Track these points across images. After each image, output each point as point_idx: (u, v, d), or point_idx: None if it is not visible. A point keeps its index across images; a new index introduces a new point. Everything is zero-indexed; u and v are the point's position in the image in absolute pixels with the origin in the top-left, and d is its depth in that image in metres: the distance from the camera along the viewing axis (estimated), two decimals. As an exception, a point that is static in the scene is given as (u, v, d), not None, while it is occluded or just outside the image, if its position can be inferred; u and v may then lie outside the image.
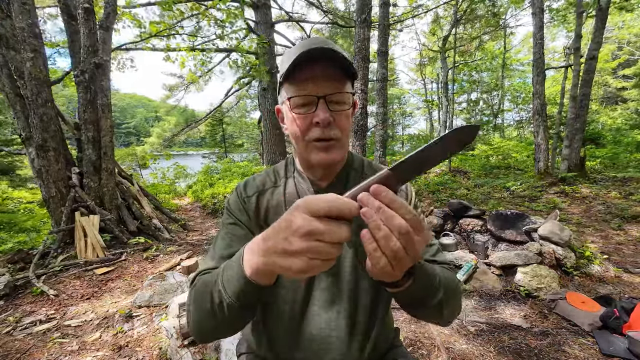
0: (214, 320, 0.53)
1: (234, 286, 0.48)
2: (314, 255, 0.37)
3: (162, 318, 2.11)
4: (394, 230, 0.38)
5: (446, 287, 0.58)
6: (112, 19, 4.17)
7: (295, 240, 0.38)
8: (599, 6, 5.71)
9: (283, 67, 0.62)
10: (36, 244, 3.93)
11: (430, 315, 0.61)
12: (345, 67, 0.60)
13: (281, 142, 9.61)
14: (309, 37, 8.22)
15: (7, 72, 3.40)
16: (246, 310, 0.52)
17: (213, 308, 0.52)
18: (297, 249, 0.38)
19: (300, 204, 0.39)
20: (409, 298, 0.55)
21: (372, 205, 0.38)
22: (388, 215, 0.38)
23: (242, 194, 0.74)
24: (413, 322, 2.09)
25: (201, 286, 0.57)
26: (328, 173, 0.71)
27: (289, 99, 0.61)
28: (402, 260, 0.39)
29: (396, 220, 0.37)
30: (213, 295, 0.51)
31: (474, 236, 3.09)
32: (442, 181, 7.11)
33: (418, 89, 24.34)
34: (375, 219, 0.38)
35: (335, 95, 0.60)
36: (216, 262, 0.64)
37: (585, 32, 9.33)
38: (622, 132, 11.27)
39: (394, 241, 0.38)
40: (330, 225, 0.37)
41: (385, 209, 0.38)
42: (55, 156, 3.54)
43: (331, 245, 0.37)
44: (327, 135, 0.61)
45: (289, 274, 0.40)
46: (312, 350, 0.69)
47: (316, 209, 0.38)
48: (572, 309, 2.05)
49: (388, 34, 5.85)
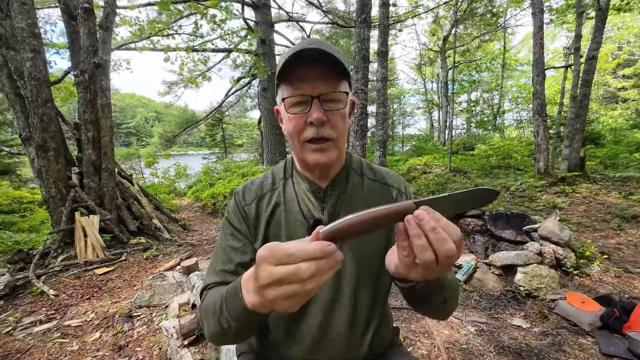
0: (225, 337, 0.59)
1: (238, 316, 0.51)
2: (291, 297, 0.38)
3: (162, 318, 2.11)
4: (438, 250, 0.39)
5: (449, 286, 0.59)
6: (111, 19, 4.17)
7: (266, 292, 0.39)
8: (598, 6, 5.71)
9: (278, 67, 0.62)
10: (36, 244, 3.92)
11: (432, 310, 0.63)
12: (338, 65, 0.60)
13: (281, 142, 9.61)
14: (309, 38, 8.24)
15: (7, 72, 3.40)
16: (254, 327, 0.58)
17: (223, 331, 0.56)
18: (272, 297, 0.39)
19: (262, 255, 0.39)
20: (417, 294, 0.57)
21: (427, 224, 0.39)
22: (440, 238, 0.39)
23: (241, 203, 0.74)
24: (413, 322, 2.09)
25: (208, 308, 0.60)
26: (326, 173, 0.72)
27: (283, 99, 0.62)
28: (431, 269, 0.42)
29: (448, 244, 0.39)
30: (221, 321, 0.55)
31: (474, 236, 3.09)
32: (442, 181, 7.11)
33: (418, 89, 24.34)
34: (423, 241, 0.40)
35: (329, 95, 0.60)
36: (219, 277, 0.68)
37: (585, 33, 9.33)
38: (622, 132, 11.27)
39: (430, 252, 0.40)
40: (297, 267, 0.37)
41: (440, 230, 0.39)
42: (55, 156, 3.53)
43: (303, 283, 0.37)
44: (321, 135, 0.62)
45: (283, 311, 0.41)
46: (312, 349, 0.69)
47: (279, 258, 0.38)
48: (572, 309, 2.05)
49: (388, 34, 5.86)
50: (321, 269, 0.37)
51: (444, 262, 0.40)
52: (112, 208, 3.95)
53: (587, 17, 7.23)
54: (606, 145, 9.97)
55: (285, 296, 0.38)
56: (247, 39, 8.92)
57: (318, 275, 0.37)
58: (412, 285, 0.53)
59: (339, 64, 0.59)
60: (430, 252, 0.40)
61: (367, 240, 0.67)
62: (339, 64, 0.59)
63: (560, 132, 8.10)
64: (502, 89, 17.96)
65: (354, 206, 0.72)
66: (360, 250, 0.69)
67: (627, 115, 14.39)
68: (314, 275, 0.37)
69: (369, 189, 0.75)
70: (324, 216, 0.70)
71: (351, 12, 12.69)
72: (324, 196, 0.71)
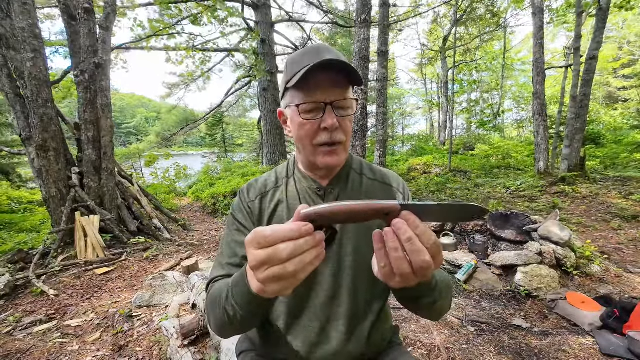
0: (231, 327, 0.60)
1: (244, 302, 0.52)
2: (277, 279, 0.39)
3: (162, 318, 2.11)
4: (414, 261, 0.39)
5: (441, 288, 0.60)
6: (112, 19, 4.17)
7: (256, 275, 0.41)
8: (599, 6, 5.71)
9: (289, 75, 0.65)
10: (36, 244, 3.92)
11: (422, 311, 0.64)
12: (351, 73, 0.63)
13: (281, 142, 9.61)
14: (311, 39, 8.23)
15: (7, 72, 3.39)
16: (260, 315, 0.58)
17: (230, 319, 0.57)
18: (262, 280, 0.41)
19: (247, 240, 0.41)
20: (406, 295, 0.58)
21: (403, 234, 0.39)
22: (416, 249, 0.39)
23: (246, 199, 0.77)
24: (413, 322, 2.09)
25: (214, 298, 0.62)
26: (329, 173, 0.75)
27: (297, 105, 0.64)
28: (408, 278, 0.42)
29: (422, 256, 0.39)
30: (227, 309, 0.57)
31: (474, 236, 3.09)
32: (442, 181, 7.11)
33: (418, 89, 24.35)
34: (400, 254, 0.40)
35: (341, 102, 0.64)
36: (225, 270, 0.70)
37: (585, 33, 9.32)
38: (622, 132, 11.27)
39: (406, 265, 0.40)
40: (275, 248, 0.38)
41: (416, 241, 0.39)
42: (55, 156, 3.54)
43: (284, 265, 0.38)
44: (334, 139, 0.65)
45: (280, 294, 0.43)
46: (312, 344, 0.70)
47: (259, 241, 0.40)
48: (572, 309, 2.05)
49: (388, 34, 5.85)
50: (299, 249, 0.38)
51: (420, 273, 0.40)
52: (112, 208, 3.95)
53: (587, 16, 7.22)
54: (606, 145, 9.98)
55: (272, 279, 0.39)
56: (247, 39, 8.93)
57: (297, 255, 0.38)
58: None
59: (351, 71, 0.62)
60: (407, 265, 0.40)
61: (366, 236, 0.69)
62: (351, 71, 0.62)
63: (560, 132, 8.10)
64: (502, 89, 17.96)
65: None
66: (359, 246, 0.71)
67: (628, 115, 14.38)
68: (293, 255, 0.38)
69: (368, 188, 0.77)
70: None
71: (351, 12, 12.70)
72: (325, 194, 0.74)
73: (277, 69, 9.65)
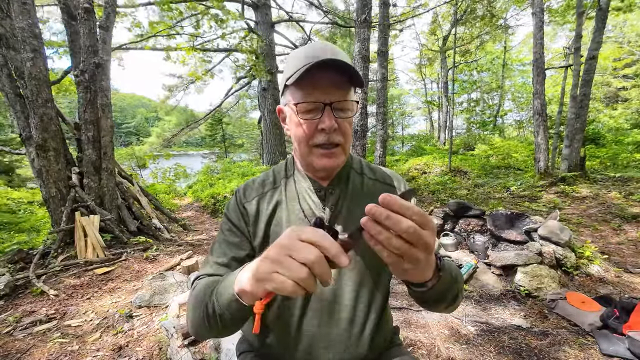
0: (208, 325, 0.58)
1: (226, 302, 0.52)
2: (284, 270, 0.41)
3: (162, 318, 2.11)
4: (402, 232, 0.39)
5: (459, 276, 0.60)
6: (112, 19, 4.16)
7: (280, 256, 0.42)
8: (599, 6, 5.71)
9: (289, 72, 0.63)
10: (36, 244, 3.92)
11: (446, 305, 0.62)
12: (352, 75, 0.61)
13: (281, 142, 9.61)
14: (311, 40, 8.24)
15: (7, 72, 3.39)
16: (238, 321, 0.56)
17: (208, 316, 0.56)
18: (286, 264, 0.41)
19: (289, 231, 0.44)
20: (434, 296, 0.56)
21: (379, 216, 0.39)
22: (395, 221, 0.39)
23: (242, 200, 0.75)
24: (413, 322, 2.09)
25: (198, 293, 0.61)
26: (329, 173, 0.73)
27: (295, 104, 0.62)
28: (412, 255, 0.41)
29: (403, 223, 0.38)
30: (208, 307, 0.56)
31: (474, 236, 3.09)
32: (442, 181, 7.11)
33: (418, 89, 24.34)
34: (385, 234, 0.40)
35: (340, 103, 0.62)
36: (213, 269, 0.69)
37: (586, 33, 9.31)
38: (622, 132, 11.27)
39: (398, 240, 0.39)
40: (306, 246, 0.41)
41: (392, 214, 0.39)
42: (55, 156, 3.53)
43: (300, 264, 0.40)
44: (331, 141, 0.63)
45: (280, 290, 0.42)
46: (313, 347, 0.70)
47: (304, 237, 0.42)
48: (572, 309, 2.05)
49: (388, 34, 5.85)
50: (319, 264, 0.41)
51: (416, 243, 0.40)
52: (112, 208, 3.94)
53: (587, 16, 7.22)
54: (606, 145, 9.97)
55: (282, 265, 0.41)
56: (247, 39, 8.93)
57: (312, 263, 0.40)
58: (426, 288, 0.52)
59: (353, 72, 0.60)
60: (399, 240, 0.39)
61: None
62: (353, 72, 0.60)
63: (560, 132, 8.09)
64: (502, 89, 17.96)
65: (355, 204, 0.73)
66: (361, 250, 0.70)
67: (628, 115, 14.38)
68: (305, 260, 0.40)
69: (369, 188, 0.76)
70: (325, 214, 0.71)
71: (351, 12, 12.68)
72: (325, 195, 0.73)
73: (277, 69, 9.65)
